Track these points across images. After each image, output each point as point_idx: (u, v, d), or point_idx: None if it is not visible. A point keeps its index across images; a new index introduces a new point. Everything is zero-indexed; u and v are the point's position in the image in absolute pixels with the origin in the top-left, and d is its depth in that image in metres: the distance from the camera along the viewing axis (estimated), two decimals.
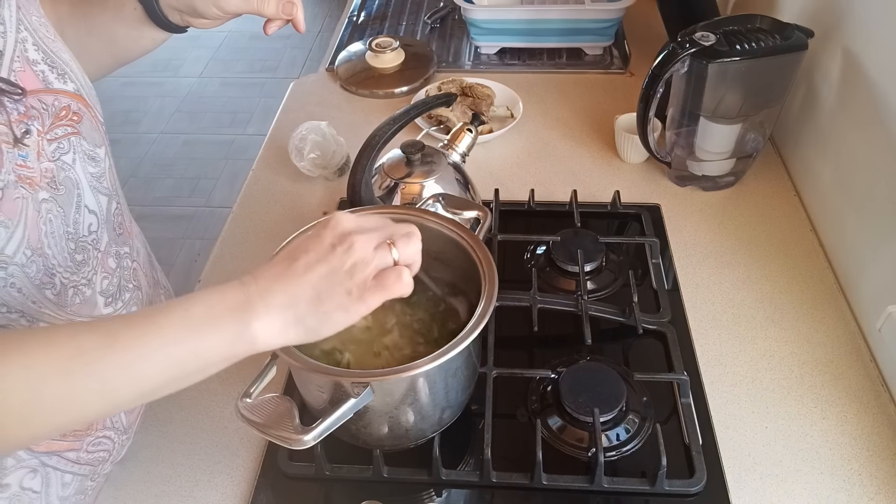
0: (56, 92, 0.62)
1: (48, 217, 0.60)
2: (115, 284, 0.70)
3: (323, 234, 0.53)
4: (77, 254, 0.64)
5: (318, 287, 0.52)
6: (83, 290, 0.65)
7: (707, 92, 0.97)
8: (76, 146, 0.63)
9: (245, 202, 1.12)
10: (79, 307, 0.65)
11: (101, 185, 0.67)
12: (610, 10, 1.35)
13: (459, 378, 0.69)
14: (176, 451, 0.79)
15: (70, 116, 0.63)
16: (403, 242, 0.55)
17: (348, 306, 0.52)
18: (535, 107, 1.27)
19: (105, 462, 0.72)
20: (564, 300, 0.88)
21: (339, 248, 0.52)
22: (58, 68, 0.63)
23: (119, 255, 0.71)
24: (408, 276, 0.54)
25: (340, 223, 0.54)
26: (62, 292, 0.62)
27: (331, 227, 0.53)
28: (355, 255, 0.52)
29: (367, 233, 0.54)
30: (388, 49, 1.35)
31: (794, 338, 0.87)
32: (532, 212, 1.04)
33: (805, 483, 0.73)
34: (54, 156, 0.61)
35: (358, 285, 0.52)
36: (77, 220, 0.64)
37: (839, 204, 0.95)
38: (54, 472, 0.65)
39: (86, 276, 0.65)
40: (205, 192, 2.71)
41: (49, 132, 0.60)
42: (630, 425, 0.76)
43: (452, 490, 0.74)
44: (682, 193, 1.08)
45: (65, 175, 0.62)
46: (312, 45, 3.50)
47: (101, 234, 0.67)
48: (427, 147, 0.89)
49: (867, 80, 0.88)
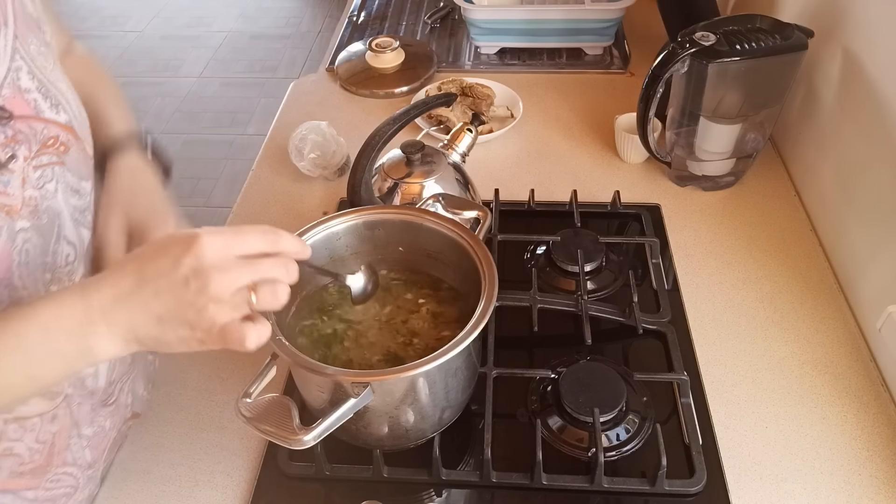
0: (46, 121, 0.60)
1: (24, 248, 0.58)
2: None
3: (181, 261, 0.48)
4: (52, 284, 0.61)
5: (163, 315, 0.49)
6: None
7: (707, 92, 0.97)
8: (59, 176, 0.61)
9: (245, 202, 1.12)
10: None
11: (84, 218, 0.66)
12: (610, 10, 1.35)
13: (459, 378, 0.69)
14: (176, 451, 0.78)
15: (57, 146, 0.61)
16: (266, 292, 0.50)
17: (189, 342, 0.50)
18: (535, 107, 1.27)
19: (70, 497, 0.70)
20: (564, 300, 0.88)
21: (194, 284, 0.48)
22: (52, 98, 0.61)
23: None
24: (252, 340, 0.49)
25: (204, 253, 0.48)
26: None
27: (192, 254, 0.48)
28: (209, 295, 0.48)
29: (230, 272, 0.48)
30: (388, 49, 1.35)
31: (794, 338, 0.87)
32: (532, 212, 1.04)
33: (805, 483, 0.73)
34: (38, 183, 0.59)
35: (203, 329, 0.49)
36: (56, 250, 0.62)
37: (839, 204, 0.95)
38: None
39: None
40: (205, 192, 2.70)
41: (35, 158, 0.58)
42: (630, 425, 0.76)
43: (452, 490, 0.74)
44: (682, 193, 1.08)
45: (47, 204, 0.60)
46: (312, 45, 3.50)
47: (77, 265, 0.65)
48: (427, 147, 0.89)
49: (867, 80, 0.88)
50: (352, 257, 0.77)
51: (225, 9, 3.84)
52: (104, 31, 3.67)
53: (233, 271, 0.49)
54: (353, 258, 0.76)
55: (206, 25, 3.70)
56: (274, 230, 0.52)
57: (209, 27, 3.69)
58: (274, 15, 3.77)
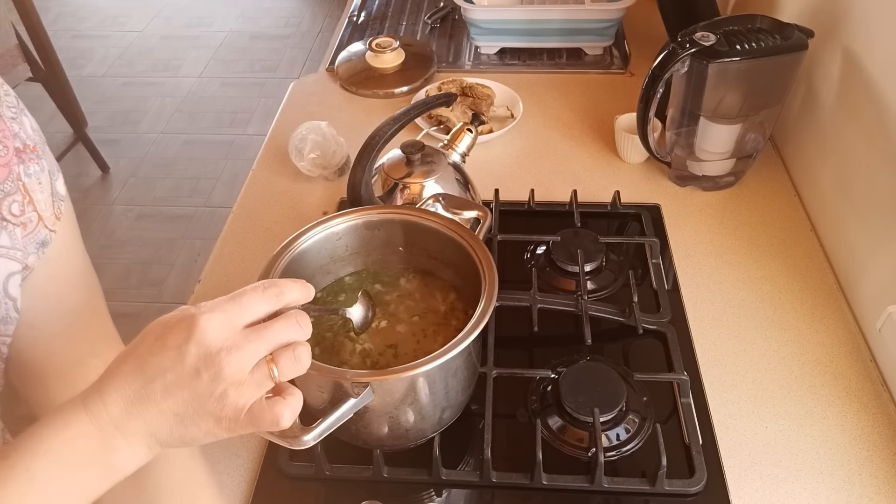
0: None
1: None
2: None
3: (184, 351, 0.43)
4: None
5: (182, 415, 0.44)
6: None
7: (707, 92, 0.97)
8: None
9: (245, 202, 1.12)
10: None
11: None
12: (610, 10, 1.35)
13: (459, 378, 0.69)
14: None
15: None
16: (287, 361, 0.46)
17: (217, 434, 0.46)
18: (535, 107, 1.27)
19: None
20: (564, 300, 0.88)
21: (206, 374, 0.43)
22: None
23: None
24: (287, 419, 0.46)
25: (206, 336, 0.43)
26: None
27: (194, 341, 0.43)
28: (226, 381, 0.43)
29: (240, 350, 0.44)
30: (388, 49, 1.35)
31: (794, 338, 0.87)
32: (532, 212, 1.04)
33: (805, 483, 0.73)
34: None
35: (229, 416, 0.45)
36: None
37: (839, 204, 0.95)
38: None
39: None
40: (205, 192, 2.70)
41: None
42: (630, 425, 0.76)
43: (452, 490, 0.74)
44: (682, 193, 1.08)
45: None
46: (312, 45, 3.49)
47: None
48: (427, 147, 0.89)
49: (867, 80, 0.88)
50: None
51: (225, 9, 3.84)
52: (104, 31, 3.66)
53: (245, 348, 0.44)
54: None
55: (206, 25, 3.70)
56: (273, 283, 0.48)
57: (209, 27, 3.68)
58: (274, 15, 3.76)
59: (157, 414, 0.44)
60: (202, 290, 0.97)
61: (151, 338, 0.45)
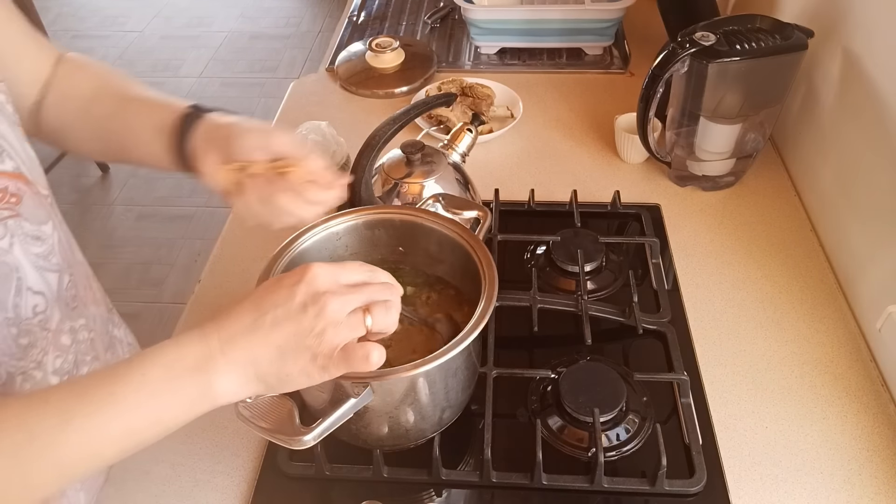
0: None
1: None
2: (70, 361, 0.66)
3: (296, 290, 0.50)
4: (21, 338, 0.60)
5: (284, 347, 0.50)
6: (33, 374, 0.61)
7: (707, 92, 0.97)
8: (14, 229, 0.59)
9: None
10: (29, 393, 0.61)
11: (48, 263, 0.63)
12: (610, 10, 1.35)
13: (459, 378, 0.69)
14: (176, 451, 0.78)
15: (7, 199, 0.58)
16: (380, 312, 0.52)
17: (311, 372, 0.51)
18: (535, 107, 1.27)
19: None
20: (564, 300, 0.88)
21: (311, 310, 0.49)
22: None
23: (74, 330, 0.67)
24: (377, 357, 0.51)
25: (316, 279, 0.50)
26: (9, 382, 0.58)
27: (306, 281, 0.50)
28: (326, 319, 0.49)
29: (343, 295, 0.51)
30: (388, 49, 1.35)
31: (794, 338, 0.87)
32: (532, 212, 1.04)
33: (805, 483, 0.73)
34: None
35: (324, 353, 0.50)
36: (17, 303, 0.59)
37: (839, 204, 0.95)
38: None
39: (35, 358, 0.61)
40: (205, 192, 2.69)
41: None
42: (630, 425, 0.76)
43: (452, 490, 0.74)
44: (682, 193, 1.08)
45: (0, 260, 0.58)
46: (312, 45, 3.50)
47: (50, 313, 0.63)
48: (427, 147, 0.89)
49: (867, 80, 0.88)
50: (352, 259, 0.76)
51: (225, 9, 3.84)
52: (104, 31, 3.67)
53: (346, 295, 0.51)
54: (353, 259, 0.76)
55: (206, 25, 3.70)
56: (370, 266, 0.55)
57: (209, 27, 3.69)
58: (274, 15, 3.76)
59: (263, 344, 0.49)
60: (202, 290, 0.97)
61: (269, 283, 0.52)
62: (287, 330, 0.49)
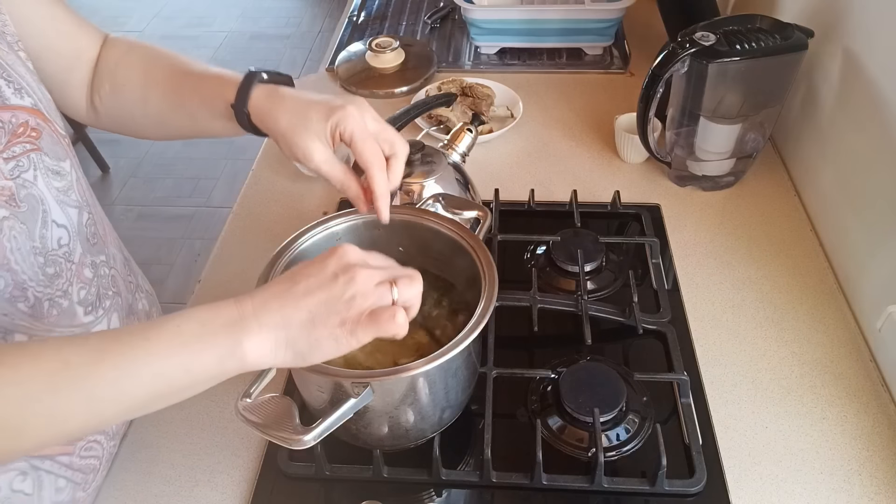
0: (13, 108, 0.60)
1: (11, 234, 0.59)
2: (93, 294, 0.69)
3: (327, 262, 0.54)
4: (48, 267, 0.63)
5: (314, 311, 0.52)
6: (59, 301, 0.64)
7: (707, 92, 0.97)
8: (37, 162, 0.62)
9: (245, 202, 1.12)
10: (57, 318, 0.64)
11: (68, 198, 0.66)
12: (610, 10, 1.35)
13: (459, 378, 0.69)
14: (176, 451, 0.79)
15: (28, 133, 0.61)
16: (405, 284, 0.55)
17: (340, 337, 0.53)
18: (535, 107, 1.27)
19: (96, 471, 0.72)
20: (564, 300, 0.88)
21: (342, 278, 0.52)
22: (14, 83, 0.61)
23: (95, 265, 0.70)
24: (403, 318, 0.53)
25: (347, 254, 0.54)
26: (37, 305, 0.62)
27: (337, 256, 0.54)
28: (356, 287, 0.52)
29: (371, 269, 0.54)
30: (388, 49, 1.35)
31: (794, 338, 0.87)
32: (532, 212, 1.04)
33: (805, 483, 0.73)
34: (13, 174, 0.59)
35: (353, 318, 0.52)
36: (44, 234, 0.62)
37: (839, 204, 0.95)
38: (47, 475, 0.65)
39: (60, 287, 0.64)
40: (205, 192, 2.71)
41: (6, 150, 0.59)
42: (630, 425, 0.76)
43: (452, 490, 0.74)
44: (682, 193, 1.08)
45: (26, 192, 0.60)
46: (312, 45, 3.50)
47: (73, 246, 0.66)
48: (427, 147, 0.89)
49: (867, 80, 0.88)
50: None
51: (225, 9, 3.84)
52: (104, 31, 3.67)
53: (374, 269, 0.54)
54: None
55: (206, 25, 3.70)
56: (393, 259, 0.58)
57: (209, 27, 3.69)
58: (274, 15, 3.77)
59: (294, 309, 0.52)
60: (202, 290, 0.97)
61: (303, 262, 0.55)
62: (318, 297, 0.52)
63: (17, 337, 0.60)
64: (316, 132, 0.65)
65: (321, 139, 0.65)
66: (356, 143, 0.65)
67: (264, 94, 0.67)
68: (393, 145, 0.68)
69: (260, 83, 0.68)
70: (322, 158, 0.65)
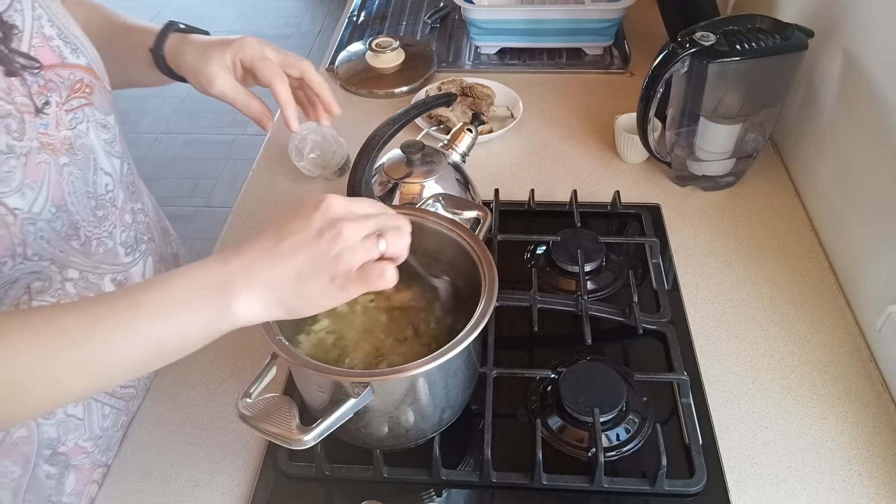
0: (71, 66, 0.66)
1: (70, 179, 0.65)
2: (132, 237, 0.76)
3: (312, 217, 0.53)
4: (98, 210, 0.70)
5: (302, 270, 0.52)
6: (105, 241, 0.71)
7: (707, 92, 0.97)
8: (89, 116, 0.69)
9: (245, 202, 1.12)
10: (102, 256, 0.71)
11: (113, 149, 0.73)
12: (610, 10, 1.35)
13: (459, 378, 0.69)
14: (176, 451, 0.79)
15: (83, 89, 0.68)
16: (393, 235, 0.55)
17: (330, 293, 0.53)
18: (535, 107, 1.27)
19: (134, 399, 0.80)
20: (564, 300, 0.88)
21: (327, 234, 0.52)
22: (71, 43, 0.67)
23: (133, 211, 0.77)
24: (391, 273, 0.54)
25: (332, 207, 0.53)
26: (87, 243, 0.68)
27: (321, 210, 0.53)
28: (342, 242, 0.52)
29: (357, 221, 0.54)
30: (388, 49, 1.35)
31: (794, 338, 0.87)
32: (532, 212, 1.04)
33: (805, 483, 0.73)
34: (71, 125, 0.66)
35: (341, 274, 0.52)
36: (95, 180, 0.69)
37: (839, 204, 0.95)
38: (95, 403, 0.73)
39: (107, 229, 0.71)
40: (205, 192, 2.71)
41: (66, 103, 0.65)
42: (630, 425, 0.76)
43: (452, 490, 0.74)
44: (682, 193, 1.08)
45: (81, 142, 0.67)
46: (312, 45, 3.49)
47: (116, 192, 0.73)
48: (427, 147, 0.89)
49: (867, 80, 0.88)
50: None
51: (225, 9, 3.84)
52: None
53: (360, 221, 0.54)
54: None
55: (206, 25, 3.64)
56: (381, 203, 0.58)
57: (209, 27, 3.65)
58: (274, 15, 3.76)
59: (281, 267, 0.52)
60: None
61: (288, 212, 0.55)
62: (304, 254, 0.52)
63: (71, 272, 0.67)
64: (217, 61, 0.73)
65: (223, 67, 0.73)
66: (255, 65, 0.73)
67: (177, 38, 0.78)
68: (300, 67, 0.76)
69: (176, 31, 0.79)
70: (224, 83, 0.73)
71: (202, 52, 0.75)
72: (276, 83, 0.73)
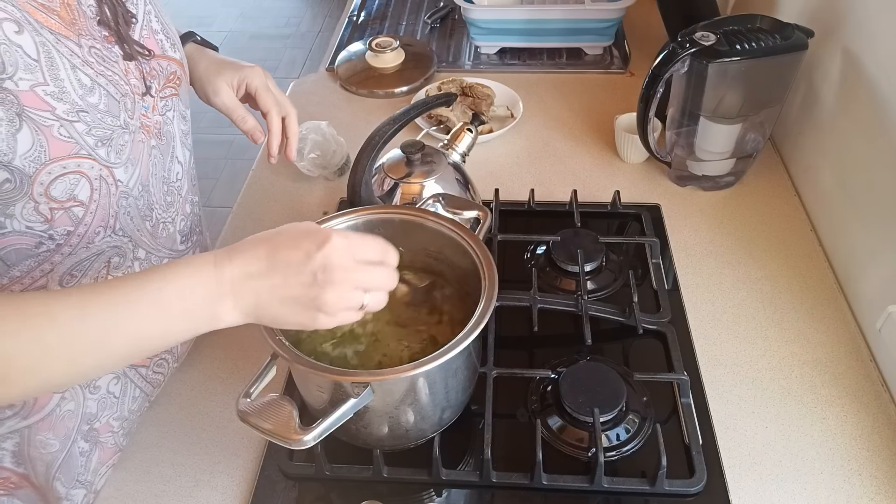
0: (169, 59, 0.72)
1: (154, 161, 0.70)
2: (188, 226, 0.80)
3: (313, 257, 0.54)
4: (168, 195, 0.74)
5: (286, 301, 0.55)
6: (168, 226, 0.75)
7: (707, 92, 0.97)
8: (175, 106, 0.74)
9: (245, 202, 1.12)
10: (164, 240, 0.75)
11: (187, 140, 0.78)
12: (610, 10, 1.35)
13: (459, 378, 0.69)
14: (176, 451, 0.79)
15: (175, 80, 0.73)
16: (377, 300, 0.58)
17: (303, 322, 0.56)
18: (535, 107, 1.27)
19: (160, 386, 0.82)
20: (564, 300, 0.88)
21: (320, 278, 0.54)
22: (171, 38, 0.73)
23: (192, 203, 0.81)
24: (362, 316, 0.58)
25: (333, 254, 0.54)
26: (157, 225, 0.73)
27: (323, 253, 0.54)
28: (331, 292, 0.54)
29: (353, 272, 0.55)
30: (388, 49, 1.35)
31: (794, 338, 0.87)
32: (532, 212, 1.04)
33: (805, 483, 0.73)
34: (163, 111, 0.71)
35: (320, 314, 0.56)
36: (170, 167, 0.74)
37: (839, 204, 0.95)
38: (130, 383, 0.76)
39: (171, 215, 0.76)
40: (205, 192, 2.68)
41: (161, 91, 0.71)
42: (630, 425, 0.76)
43: (452, 490, 0.74)
44: (682, 193, 1.08)
45: (167, 129, 0.72)
46: (312, 45, 3.49)
47: (183, 181, 0.77)
48: (427, 147, 0.89)
49: (867, 80, 0.88)
50: None
51: (225, 9, 3.84)
52: None
53: (355, 274, 0.56)
54: None
55: (206, 25, 3.70)
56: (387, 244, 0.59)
57: (209, 27, 3.68)
58: (274, 15, 3.76)
59: (269, 294, 0.54)
60: None
61: (288, 236, 0.56)
62: (293, 289, 0.54)
63: (140, 252, 0.71)
64: (226, 78, 0.83)
65: (229, 84, 0.83)
66: (260, 93, 0.84)
67: (194, 48, 0.85)
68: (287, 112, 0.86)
69: (192, 41, 0.86)
70: (227, 96, 0.83)
71: (216, 66, 0.84)
72: (272, 114, 0.84)
